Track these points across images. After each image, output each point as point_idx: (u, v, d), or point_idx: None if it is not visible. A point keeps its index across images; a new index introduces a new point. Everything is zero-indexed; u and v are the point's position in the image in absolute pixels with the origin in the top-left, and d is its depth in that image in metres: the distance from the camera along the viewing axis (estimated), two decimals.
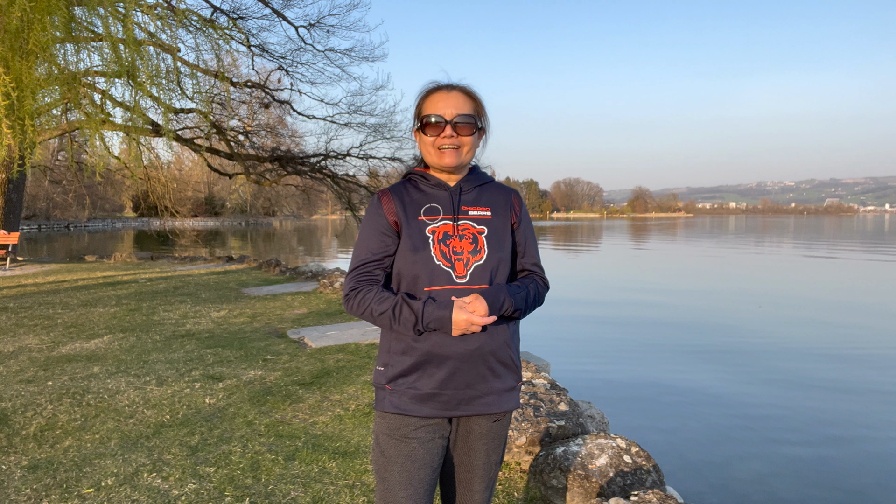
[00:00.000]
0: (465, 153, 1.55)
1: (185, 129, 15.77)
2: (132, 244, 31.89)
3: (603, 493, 2.59)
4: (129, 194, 52.71)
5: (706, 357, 7.04)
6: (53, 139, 17.32)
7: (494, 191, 1.64)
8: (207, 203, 73.62)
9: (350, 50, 15.08)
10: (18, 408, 3.88)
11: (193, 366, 4.90)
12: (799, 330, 8.57)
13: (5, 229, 14.38)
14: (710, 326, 8.83)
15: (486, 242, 1.55)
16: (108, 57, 8.04)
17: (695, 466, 4.04)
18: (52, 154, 34.11)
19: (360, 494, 2.72)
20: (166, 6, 10.57)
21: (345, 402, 3.99)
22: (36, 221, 50.00)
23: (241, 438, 3.36)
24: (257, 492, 2.74)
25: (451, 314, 1.42)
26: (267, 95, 15.98)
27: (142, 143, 13.57)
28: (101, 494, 2.72)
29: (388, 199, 1.57)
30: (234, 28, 13.11)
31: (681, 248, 28.67)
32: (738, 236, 41.46)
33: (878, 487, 3.78)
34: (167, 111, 9.97)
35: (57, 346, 5.67)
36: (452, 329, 1.44)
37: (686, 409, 5.21)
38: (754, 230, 54.43)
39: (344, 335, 5.98)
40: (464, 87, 1.57)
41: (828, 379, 6.12)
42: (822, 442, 4.49)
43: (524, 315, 1.57)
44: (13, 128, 6.97)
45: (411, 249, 1.50)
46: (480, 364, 1.52)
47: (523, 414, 3.26)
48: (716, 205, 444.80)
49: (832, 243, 31.58)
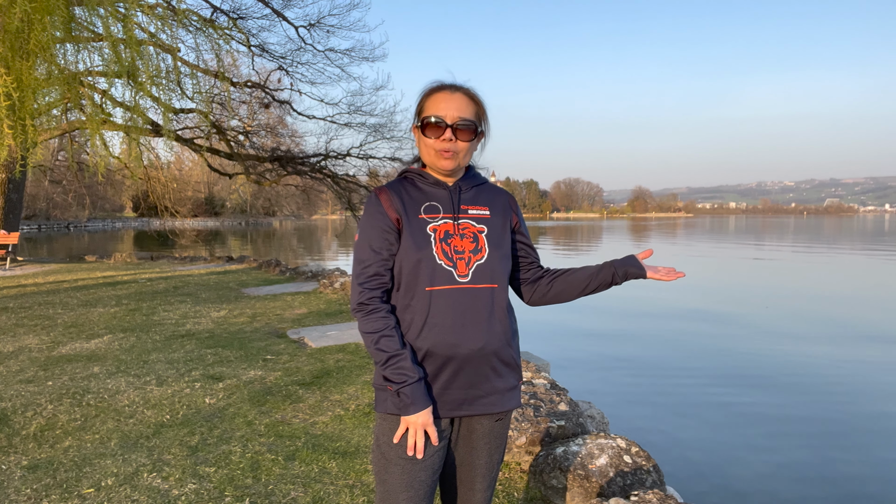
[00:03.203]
0: (462, 157, 1.54)
1: (185, 129, 15.77)
2: (132, 244, 31.89)
3: (603, 493, 2.59)
4: (129, 194, 52.77)
5: (706, 357, 7.03)
6: (53, 139, 17.32)
7: (491, 191, 1.65)
8: (207, 203, 73.63)
9: (350, 50, 15.10)
10: (18, 408, 3.88)
11: (193, 366, 4.91)
12: (799, 330, 8.57)
13: (5, 229, 14.38)
14: (710, 326, 8.83)
15: (486, 241, 1.54)
16: (108, 57, 8.05)
17: (695, 466, 4.04)
18: (52, 154, 34.09)
19: (360, 494, 2.72)
20: (166, 6, 10.57)
21: (345, 402, 3.99)
22: (36, 221, 50.01)
23: (241, 438, 3.36)
24: (257, 492, 2.74)
25: (415, 408, 1.44)
26: (267, 95, 15.98)
27: (142, 143, 13.57)
28: (101, 494, 2.72)
29: (387, 195, 1.55)
30: (234, 28, 13.12)
31: (681, 247, 28.67)
32: (739, 236, 41.47)
33: (878, 488, 3.78)
34: (167, 111, 9.97)
35: (57, 346, 5.67)
36: (401, 422, 1.48)
37: (686, 409, 5.21)
38: (754, 230, 54.43)
39: (344, 335, 5.98)
40: (467, 89, 1.56)
41: (828, 379, 6.12)
42: (823, 442, 4.49)
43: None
44: (14, 128, 6.97)
45: (413, 248, 1.49)
46: (483, 364, 1.52)
47: (523, 414, 3.26)
48: (716, 205, 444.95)
49: (832, 243, 31.58)
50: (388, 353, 1.45)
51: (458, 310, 1.48)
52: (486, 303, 1.51)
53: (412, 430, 1.47)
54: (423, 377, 1.47)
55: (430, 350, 1.48)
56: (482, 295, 1.51)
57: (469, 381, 1.51)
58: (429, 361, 1.49)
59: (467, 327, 1.48)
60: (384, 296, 1.52)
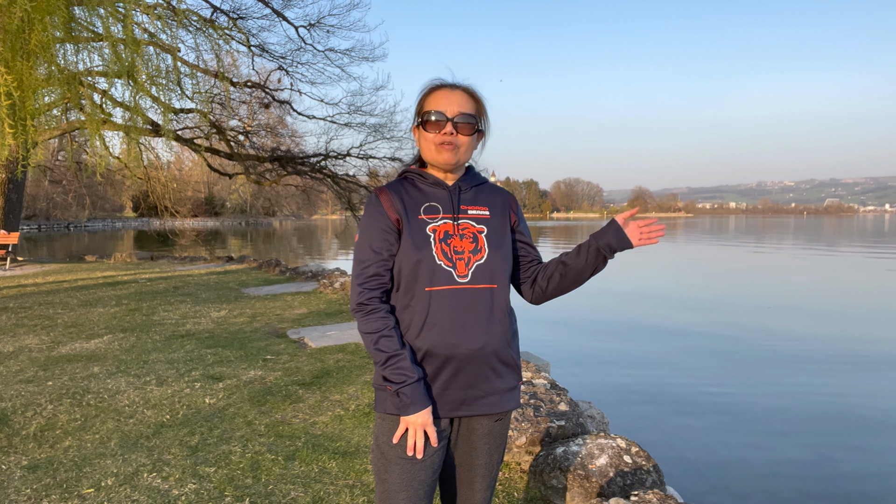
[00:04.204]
0: (462, 152, 1.54)
1: (185, 129, 15.77)
2: (132, 244, 31.89)
3: (603, 493, 2.59)
4: (129, 194, 52.77)
5: (707, 357, 7.03)
6: (53, 139, 17.32)
7: (490, 191, 1.65)
8: (207, 203, 73.62)
9: (350, 50, 15.10)
10: (18, 408, 3.88)
11: (193, 366, 4.91)
12: (800, 330, 8.57)
13: (5, 229, 14.38)
14: (711, 327, 8.83)
15: (486, 241, 1.55)
16: (108, 57, 8.04)
17: (695, 466, 4.04)
18: (52, 154, 34.13)
19: (360, 494, 2.72)
20: (166, 6, 10.57)
21: (345, 402, 3.99)
22: (36, 221, 50.00)
23: (241, 438, 3.36)
24: (257, 492, 2.74)
25: (414, 409, 1.45)
26: (267, 95, 15.98)
27: (142, 143, 13.59)
28: (101, 494, 2.72)
29: (387, 196, 1.55)
30: (234, 28, 13.11)
31: (681, 248, 28.67)
32: (739, 236, 41.47)
33: (878, 487, 3.78)
34: (167, 111, 9.97)
35: (57, 346, 5.67)
36: (400, 422, 1.49)
37: (686, 409, 5.21)
38: (754, 230, 54.43)
39: (344, 335, 5.98)
40: (467, 87, 1.56)
41: (828, 379, 6.12)
42: (823, 442, 4.49)
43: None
44: (15, 128, 6.97)
45: (413, 249, 1.49)
46: (483, 364, 1.52)
47: (523, 414, 3.26)
48: (716, 205, 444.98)
49: (832, 243, 31.58)
50: (388, 354, 1.46)
51: (457, 310, 1.48)
52: (485, 303, 1.51)
53: (412, 430, 1.47)
54: (422, 377, 1.47)
55: (430, 350, 1.48)
56: (482, 295, 1.51)
57: (469, 382, 1.52)
58: (428, 361, 1.49)
59: (467, 327, 1.49)
60: (384, 296, 1.53)
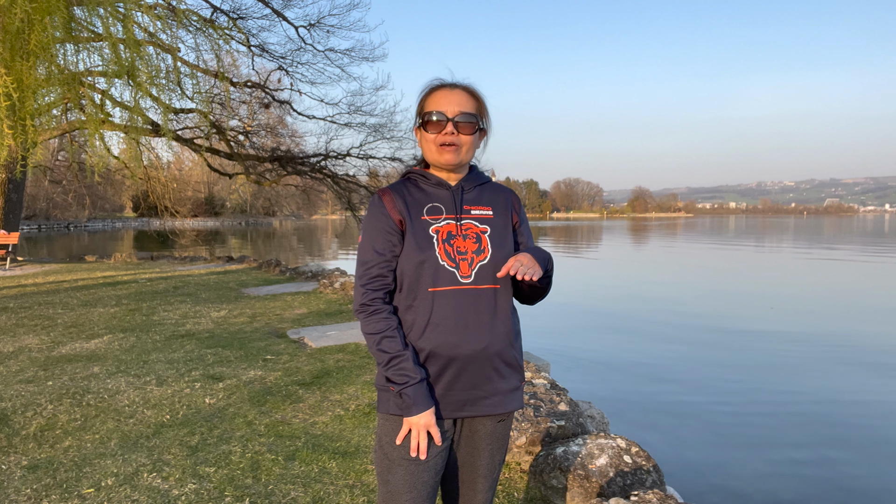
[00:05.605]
0: (464, 152, 1.54)
1: (185, 129, 15.77)
2: (132, 244, 31.89)
3: (603, 493, 2.59)
4: (129, 194, 52.81)
5: (707, 357, 7.03)
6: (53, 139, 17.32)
7: (493, 190, 1.64)
8: (207, 203, 73.63)
9: (350, 50, 15.11)
10: (18, 408, 3.88)
11: (193, 366, 4.90)
12: (801, 330, 8.57)
13: (5, 229, 14.38)
14: (711, 326, 8.83)
15: (489, 242, 1.54)
16: (108, 57, 8.05)
17: (695, 466, 4.04)
18: (52, 154, 34.11)
19: (360, 494, 2.72)
20: (166, 6, 10.57)
21: (345, 402, 3.99)
22: (36, 221, 50.00)
23: (241, 438, 3.36)
24: (257, 492, 2.74)
25: (417, 409, 1.45)
26: (267, 95, 15.98)
27: (142, 143, 13.57)
28: (101, 494, 2.72)
29: (390, 197, 1.55)
30: (234, 28, 13.12)
31: (681, 248, 28.67)
32: (739, 236, 41.47)
33: (878, 487, 3.78)
34: (167, 111, 9.97)
35: (57, 346, 5.67)
36: (403, 423, 1.49)
37: (686, 408, 5.21)
38: (755, 230, 54.43)
39: (344, 335, 5.98)
40: (467, 86, 1.56)
41: (829, 379, 6.12)
42: (823, 442, 4.49)
43: (549, 282, 1.58)
44: (14, 128, 6.97)
45: (416, 250, 1.49)
46: (486, 365, 1.52)
47: (523, 414, 3.26)
48: (716, 205, 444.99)
49: (832, 243, 31.59)
50: (390, 354, 1.46)
51: (460, 311, 1.48)
52: (488, 303, 1.51)
53: (415, 430, 1.47)
54: (425, 378, 1.47)
55: (433, 351, 1.48)
56: (485, 296, 1.51)
57: (472, 382, 1.51)
58: (431, 362, 1.49)
59: (470, 328, 1.48)
60: (387, 297, 1.53)
